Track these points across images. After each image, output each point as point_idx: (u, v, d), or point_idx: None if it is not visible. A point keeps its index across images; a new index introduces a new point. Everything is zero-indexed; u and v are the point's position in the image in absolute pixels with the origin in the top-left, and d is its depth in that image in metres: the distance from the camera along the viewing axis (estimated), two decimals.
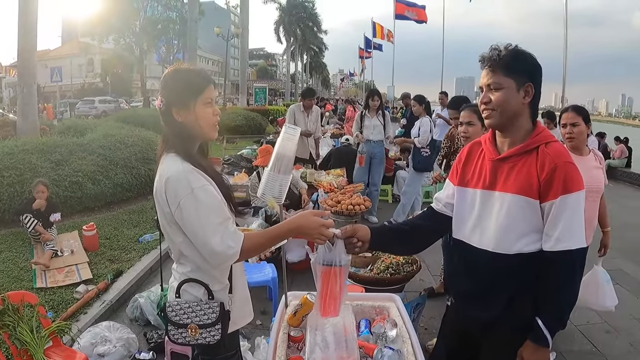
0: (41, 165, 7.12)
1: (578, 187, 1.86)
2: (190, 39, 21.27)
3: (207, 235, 1.85)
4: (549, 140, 1.95)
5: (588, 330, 4.41)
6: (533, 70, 1.98)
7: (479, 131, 3.44)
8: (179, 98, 1.99)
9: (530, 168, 1.92)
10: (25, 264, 5.22)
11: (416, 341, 2.15)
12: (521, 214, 1.93)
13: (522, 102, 1.96)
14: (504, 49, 1.97)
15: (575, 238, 1.86)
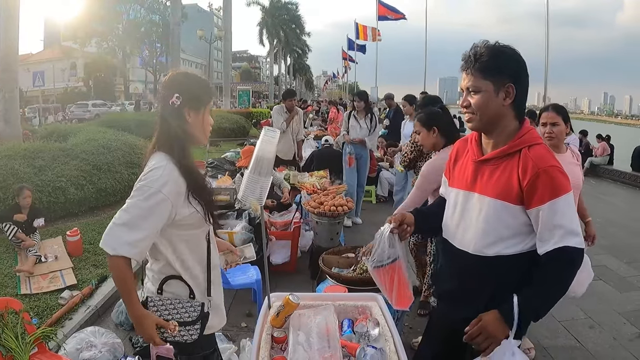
0: (24, 170, 7.03)
1: (565, 189, 1.82)
2: (173, 42, 21.17)
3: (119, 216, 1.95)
4: (532, 142, 1.90)
5: (572, 325, 4.48)
6: (514, 69, 1.90)
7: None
8: (194, 100, 2.09)
9: (512, 172, 1.88)
10: (9, 271, 5.17)
11: (398, 340, 2.18)
12: (500, 219, 1.92)
13: (502, 104, 1.89)
14: (482, 48, 1.90)
15: (574, 238, 1.82)
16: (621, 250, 6.62)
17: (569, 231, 1.81)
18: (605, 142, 15.35)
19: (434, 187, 3.41)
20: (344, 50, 44.76)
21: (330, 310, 2.29)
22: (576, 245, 1.81)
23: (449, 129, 3.60)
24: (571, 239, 1.81)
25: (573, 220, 1.84)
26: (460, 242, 2.08)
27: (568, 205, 1.83)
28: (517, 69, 1.90)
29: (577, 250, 1.82)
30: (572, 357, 3.96)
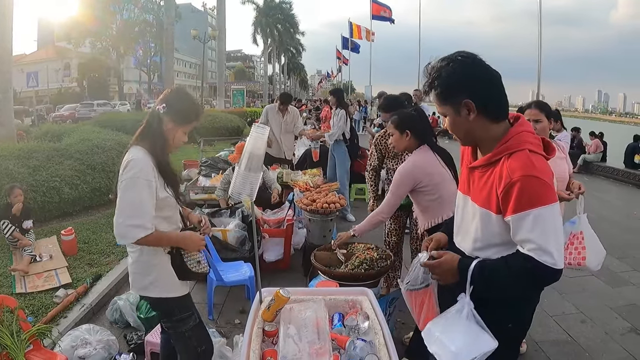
0: (18, 170, 7.06)
1: (539, 203, 1.73)
2: (167, 42, 21.15)
3: (118, 213, 2.30)
4: (514, 149, 1.83)
5: (564, 320, 4.52)
6: (463, 82, 1.86)
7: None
8: (176, 115, 2.45)
9: (493, 181, 1.86)
10: (4, 270, 5.18)
11: (387, 333, 2.21)
12: (487, 227, 1.93)
13: (467, 120, 1.89)
14: (430, 76, 1.92)
15: (542, 255, 1.73)
16: (613, 246, 6.65)
17: (538, 247, 1.73)
18: (599, 140, 15.43)
19: (408, 189, 3.50)
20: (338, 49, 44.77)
21: (321, 304, 2.33)
22: (543, 262, 1.72)
23: (423, 130, 3.60)
24: (539, 254, 1.73)
25: (545, 237, 1.73)
26: (460, 242, 2.15)
27: (540, 221, 1.73)
28: (469, 82, 1.86)
29: (541, 265, 1.73)
30: (564, 351, 4.00)
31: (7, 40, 9.47)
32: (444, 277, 2.01)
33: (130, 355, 3.79)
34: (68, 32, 45.33)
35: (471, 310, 1.89)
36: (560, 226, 1.80)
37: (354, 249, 4.07)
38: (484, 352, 1.84)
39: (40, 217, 6.89)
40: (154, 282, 2.54)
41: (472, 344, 1.85)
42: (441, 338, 1.93)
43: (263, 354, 2.09)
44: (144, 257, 2.53)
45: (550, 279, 1.77)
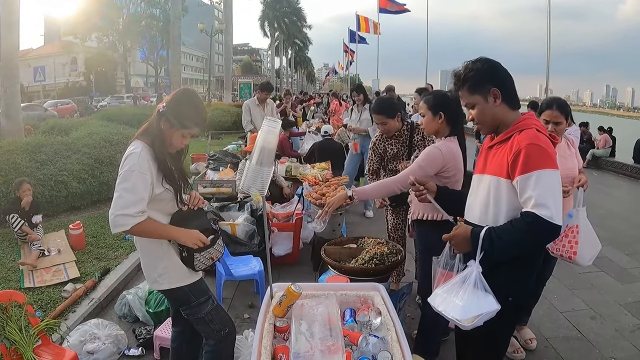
0: (26, 165, 7.07)
1: (541, 166, 2.05)
2: (173, 36, 21.11)
3: (112, 204, 2.38)
4: (524, 128, 2.18)
5: (573, 316, 4.47)
6: (491, 74, 2.26)
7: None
8: (173, 117, 2.49)
9: (505, 152, 2.19)
10: (13, 265, 5.20)
11: (400, 329, 2.18)
12: (497, 193, 2.23)
13: (494, 106, 2.26)
14: (461, 71, 2.30)
15: (541, 210, 2.00)
16: (622, 242, 6.62)
17: (538, 203, 2.01)
18: (607, 134, 15.29)
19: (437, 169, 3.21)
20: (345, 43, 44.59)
21: (332, 300, 2.31)
22: (541, 215, 1.99)
23: (457, 116, 3.34)
24: (539, 209, 2.01)
25: (544, 194, 2.02)
26: (470, 214, 2.43)
27: (541, 181, 2.03)
28: (493, 74, 2.26)
29: (539, 218, 2.00)
30: (573, 347, 3.95)
31: (15, 35, 9.44)
32: (460, 246, 2.27)
33: (139, 349, 3.79)
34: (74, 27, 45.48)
35: (479, 274, 2.13)
36: (559, 189, 2.10)
37: (364, 243, 4.04)
38: (489, 311, 2.08)
39: (48, 211, 6.89)
40: (163, 274, 2.62)
41: (478, 302, 2.09)
42: (448, 297, 2.18)
43: (274, 351, 2.07)
44: (149, 251, 2.62)
45: (548, 233, 2.04)
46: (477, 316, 2.08)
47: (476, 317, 2.08)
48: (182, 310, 2.76)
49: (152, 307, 4.10)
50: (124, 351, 3.76)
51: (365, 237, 4.20)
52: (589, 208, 3.41)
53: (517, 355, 3.72)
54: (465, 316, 2.08)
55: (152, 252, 2.61)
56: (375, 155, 4.58)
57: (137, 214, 2.35)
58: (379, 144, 4.52)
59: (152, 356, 3.76)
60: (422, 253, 3.49)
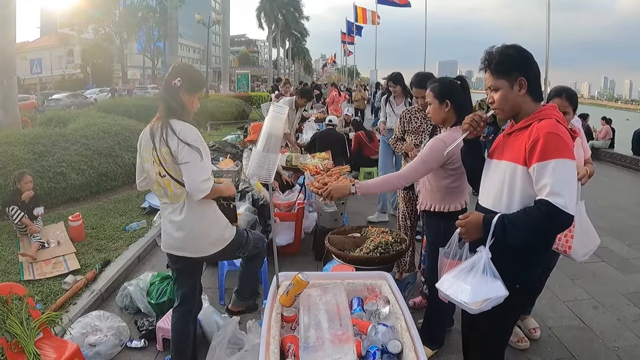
0: (24, 157, 7.02)
1: (558, 155, 2.03)
2: (170, 27, 21.03)
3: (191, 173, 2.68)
4: (543, 117, 2.17)
5: (576, 306, 4.46)
6: (522, 63, 2.23)
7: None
8: (190, 86, 2.84)
9: (524, 139, 2.18)
10: (12, 257, 5.15)
11: (409, 317, 2.15)
12: (512, 179, 2.21)
13: (518, 95, 2.24)
14: (493, 53, 2.27)
15: (555, 198, 1.99)
16: (623, 233, 6.61)
17: (553, 192, 2.00)
18: (608, 126, 15.25)
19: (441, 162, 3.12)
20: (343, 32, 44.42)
21: (340, 289, 2.27)
22: (555, 203, 1.98)
23: (465, 104, 3.23)
24: (553, 197, 1.99)
25: (560, 183, 2.00)
26: (484, 200, 2.42)
27: (557, 170, 2.02)
28: (524, 63, 2.24)
29: (553, 206, 1.98)
30: (576, 337, 3.94)
31: (11, 27, 9.33)
32: (471, 232, 2.25)
33: (141, 341, 3.75)
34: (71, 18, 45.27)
35: (488, 260, 2.14)
36: (575, 180, 2.08)
37: (368, 232, 4.01)
38: (497, 296, 2.08)
39: (47, 203, 6.83)
40: (222, 234, 3.02)
41: (487, 287, 2.10)
42: (457, 281, 2.18)
43: (282, 340, 2.03)
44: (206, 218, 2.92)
45: (561, 222, 2.02)
46: (485, 300, 2.07)
47: (484, 301, 2.07)
48: (240, 253, 3.27)
49: (154, 298, 4.06)
50: (126, 343, 3.72)
51: (369, 226, 4.18)
52: (588, 200, 3.38)
53: (521, 345, 3.71)
54: (473, 299, 2.08)
55: (208, 218, 2.92)
56: (400, 124, 4.65)
57: (210, 176, 2.75)
58: (406, 114, 4.60)
59: (154, 348, 3.73)
60: (431, 243, 3.44)
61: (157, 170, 2.81)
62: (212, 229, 2.95)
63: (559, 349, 3.77)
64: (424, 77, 4.30)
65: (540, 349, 3.76)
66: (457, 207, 3.23)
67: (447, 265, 2.38)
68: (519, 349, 3.68)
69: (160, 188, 2.85)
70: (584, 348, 3.78)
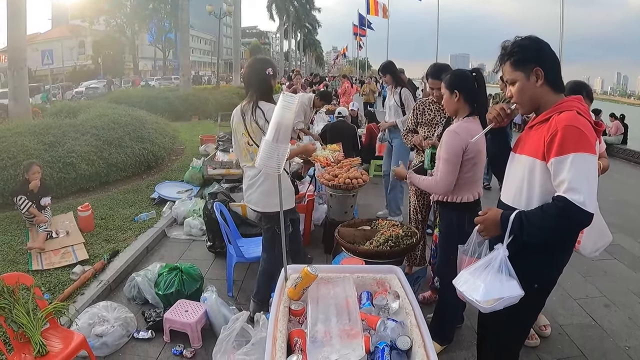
0: (34, 147, 7.02)
1: (578, 149, 1.95)
2: (182, 19, 21.02)
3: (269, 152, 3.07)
4: (565, 109, 2.09)
5: (587, 303, 4.40)
6: (537, 54, 2.16)
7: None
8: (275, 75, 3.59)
9: (543, 132, 2.10)
10: (21, 247, 5.16)
11: (419, 313, 2.10)
12: (532, 174, 2.16)
13: (536, 86, 2.16)
14: (509, 45, 2.21)
15: (573, 194, 1.91)
16: (635, 230, 6.52)
17: (571, 188, 1.92)
18: (619, 122, 15.08)
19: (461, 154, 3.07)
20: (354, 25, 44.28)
21: (349, 283, 2.23)
22: (572, 200, 1.90)
23: (475, 96, 3.18)
24: (570, 194, 1.91)
25: (578, 179, 1.92)
26: (504, 195, 2.37)
27: (576, 165, 1.94)
28: (539, 54, 2.16)
29: (570, 203, 1.90)
30: (587, 335, 3.89)
31: (21, 18, 9.37)
32: (489, 229, 2.20)
33: (148, 332, 3.74)
34: (82, 10, 45.38)
35: (504, 258, 2.09)
36: (594, 176, 2.00)
37: (378, 225, 3.97)
38: (511, 295, 2.02)
39: (56, 193, 6.86)
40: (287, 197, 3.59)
41: (501, 286, 2.04)
42: (471, 278, 2.14)
43: (290, 334, 1.99)
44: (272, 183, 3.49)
45: (580, 219, 1.93)
46: (498, 299, 2.02)
47: (496, 300, 2.02)
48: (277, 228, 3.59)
49: (162, 289, 4.04)
50: (133, 334, 3.72)
51: (379, 219, 4.13)
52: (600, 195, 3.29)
53: (532, 342, 3.66)
54: (485, 298, 2.03)
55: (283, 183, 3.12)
56: (413, 115, 4.54)
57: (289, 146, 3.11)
58: (420, 105, 4.48)
59: (162, 339, 3.71)
60: (443, 234, 3.39)
61: (246, 140, 3.56)
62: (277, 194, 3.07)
63: (569, 346, 3.72)
64: (439, 68, 4.21)
65: (550, 346, 3.71)
66: (469, 198, 3.18)
67: (466, 262, 2.34)
68: (529, 346, 3.63)
69: (247, 154, 3.63)
70: (594, 346, 3.73)
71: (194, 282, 4.16)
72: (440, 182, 3.11)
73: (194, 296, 4.02)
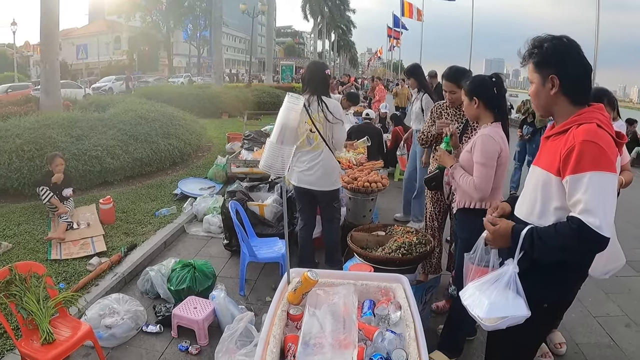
0: (61, 139, 7.18)
1: (594, 167, 1.81)
2: (214, 16, 21.27)
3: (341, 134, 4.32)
4: (584, 121, 1.93)
5: (607, 322, 4.21)
6: (555, 58, 1.99)
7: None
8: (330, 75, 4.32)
9: (559, 146, 1.96)
10: (42, 236, 5.27)
11: (420, 326, 2.02)
12: (545, 189, 2.02)
13: (549, 93, 2.02)
14: (532, 43, 2.07)
15: (588, 217, 1.78)
16: None
17: (586, 209, 1.79)
18: None
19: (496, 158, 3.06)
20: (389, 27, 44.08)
21: (350, 290, 2.18)
22: (587, 223, 1.77)
23: (495, 102, 3.15)
24: (585, 216, 1.79)
25: (595, 200, 1.80)
26: (519, 207, 2.23)
27: (593, 184, 1.81)
28: (561, 60, 1.99)
29: (584, 226, 1.78)
30: (604, 355, 3.73)
31: (54, 12, 9.54)
32: (497, 241, 2.13)
33: (157, 326, 3.76)
34: (118, 6, 46.25)
35: (514, 275, 1.99)
36: (612, 197, 1.86)
37: (393, 231, 3.91)
38: (516, 315, 1.94)
39: (81, 185, 6.98)
40: (337, 178, 4.37)
41: (507, 304, 1.95)
42: (477, 293, 2.07)
43: (285, 339, 1.96)
44: (333, 163, 4.29)
45: (593, 244, 1.80)
46: (501, 318, 1.93)
47: (500, 319, 1.93)
48: (336, 203, 4.49)
49: (174, 284, 4.06)
50: (142, 327, 3.74)
51: (395, 225, 4.06)
52: (627, 210, 3.17)
53: None
54: (488, 315, 1.95)
55: (334, 165, 4.32)
56: (430, 119, 4.43)
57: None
58: (437, 109, 4.38)
59: (169, 334, 3.73)
60: (464, 241, 3.29)
61: (307, 127, 4.06)
62: (334, 172, 4.33)
63: None
64: (455, 71, 4.13)
65: None
66: (490, 204, 3.12)
67: (472, 271, 2.27)
68: None
69: (306, 140, 4.11)
70: None
71: (206, 279, 4.17)
72: (479, 186, 3.05)
73: (205, 293, 4.03)
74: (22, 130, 7.15)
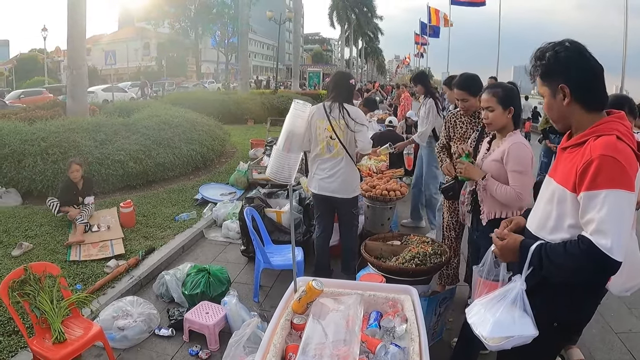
0: (85, 144, 7.32)
1: (611, 184, 1.69)
2: (241, 23, 21.46)
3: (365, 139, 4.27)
4: (602, 133, 1.81)
5: (629, 339, 4.04)
6: (562, 66, 1.88)
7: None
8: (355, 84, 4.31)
9: (576, 159, 1.84)
10: (62, 238, 5.36)
11: (425, 340, 1.95)
12: (560, 204, 1.90)
13: (562, 104, 1.91)
14: (538, 55, 1.96)
15: (600, 239, 1.67)
16: None
17: (598, 230, 1.68)
18: None
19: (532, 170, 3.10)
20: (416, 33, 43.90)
21: (356, 301, 2.13)
22: (598, 245, 1.67)
23: (520, 112, 3.20)
24: (597, 237, 1.68)
25: (608, 220, 1.67)
26: (530, 222, 2.12)
27: (608, 203, 1.68)
28: (566, 67, 1.88)
29: (594, 248, 1.67)
30: None
31: (81, 18, 9.69)
32: (506, 256, 2.06)
33: (169, 330, 3.78)
34: (147, 12, 47.01)
35: (521, 291, 1.91)
36: (629, 217, 1.75)
37: (408, 240, 3.85)
38: (522, 335, 1.84)
39: (103, 189, 7.09)
40: (357, 185, 4.44)
41: (512, 323, 1.87)
42: (482, 310, 2.00)
43: (286, 348, 1.94)
44: (354, 172, 4.33)
45: (604, 266, 1.69)
46: (506, 338, 1.84)
47: (505, 338, 1.85)
48: (354, 210, 4.48)
49: (188, 289, 4.08)
50: (154, 330, 3.77)
51: (411, 235, 4.00)
52: None
53: None
54: (492, 335, 1.87)
55: (354, 172, 4.35)
56: (445, 129, 4.36)
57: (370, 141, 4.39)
58: (451, 118, 4.29)
59: (181, 338, 3.75)
60: None
61: (329, 134, 4.14)
62: (354, 180, 4.37)
63: None
64: (466, 79, 4.07)
65: None
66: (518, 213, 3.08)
67: (480, 285, 2.22)
68: None
69: (326, 146, 4.19)
70: None
71: (220, 284, 4.18)
72: (522, 195, 2.99)
73: (218, 299, 4.03)
74: (48, 134, 7.31)
